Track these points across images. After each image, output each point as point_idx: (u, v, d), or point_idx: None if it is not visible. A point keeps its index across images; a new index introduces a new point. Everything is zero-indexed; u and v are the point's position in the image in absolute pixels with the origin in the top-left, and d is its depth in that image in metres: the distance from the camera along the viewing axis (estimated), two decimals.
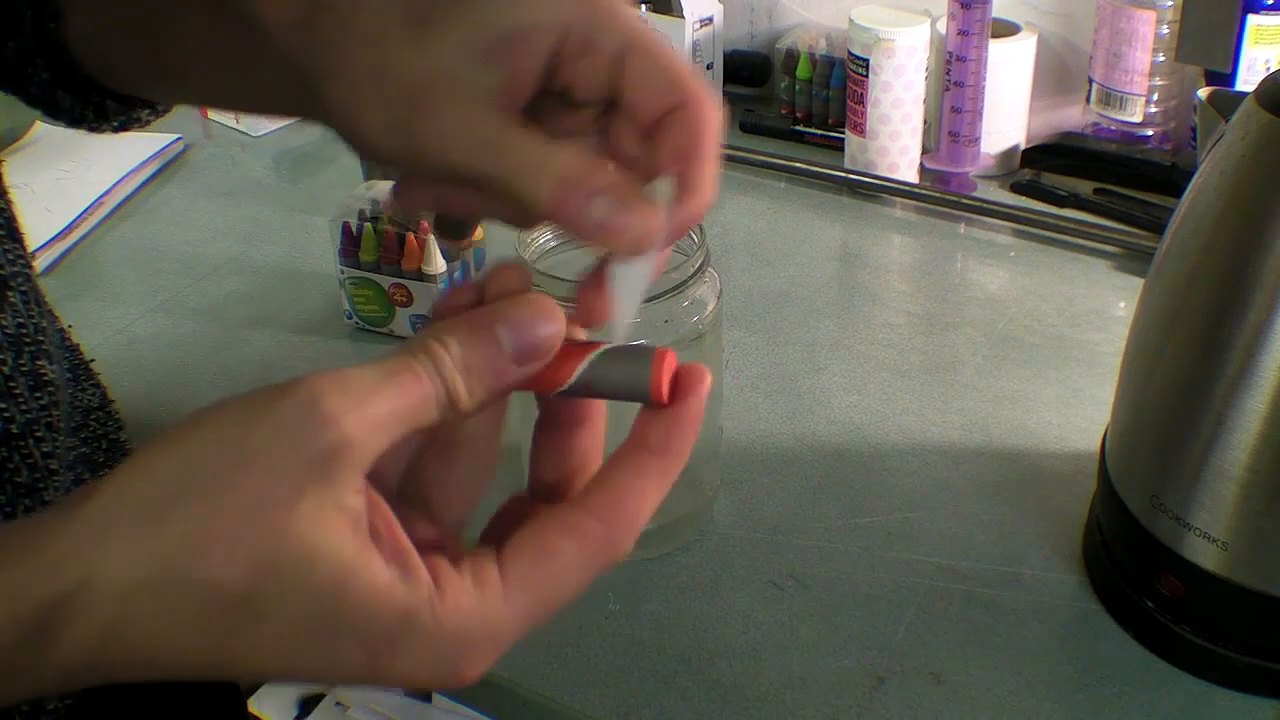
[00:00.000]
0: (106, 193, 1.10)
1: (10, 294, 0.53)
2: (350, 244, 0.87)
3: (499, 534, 0.35)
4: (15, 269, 0.53)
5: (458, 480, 0.36)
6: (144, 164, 1.15)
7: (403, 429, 0.32)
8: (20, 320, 0.53)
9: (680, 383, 0.34)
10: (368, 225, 0.87)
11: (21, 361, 0.52)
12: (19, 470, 0.52)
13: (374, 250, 0.87)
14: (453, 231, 0.42)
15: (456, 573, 0.33)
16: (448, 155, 0.36)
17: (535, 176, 0.35)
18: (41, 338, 0.54)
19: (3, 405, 0.51)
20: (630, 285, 0.36)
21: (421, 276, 0.86)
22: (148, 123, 0.58)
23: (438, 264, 0.85)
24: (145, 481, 0.32)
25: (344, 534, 0.31)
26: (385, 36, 0.35)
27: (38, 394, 0.53)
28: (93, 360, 0.64)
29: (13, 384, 0.52)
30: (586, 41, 0.36)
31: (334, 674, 0.33)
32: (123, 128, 0.58)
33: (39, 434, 0.53)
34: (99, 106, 0.56)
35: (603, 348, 0.35)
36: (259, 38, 0.38)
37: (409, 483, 0.37)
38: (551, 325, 0.34)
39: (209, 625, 0.31)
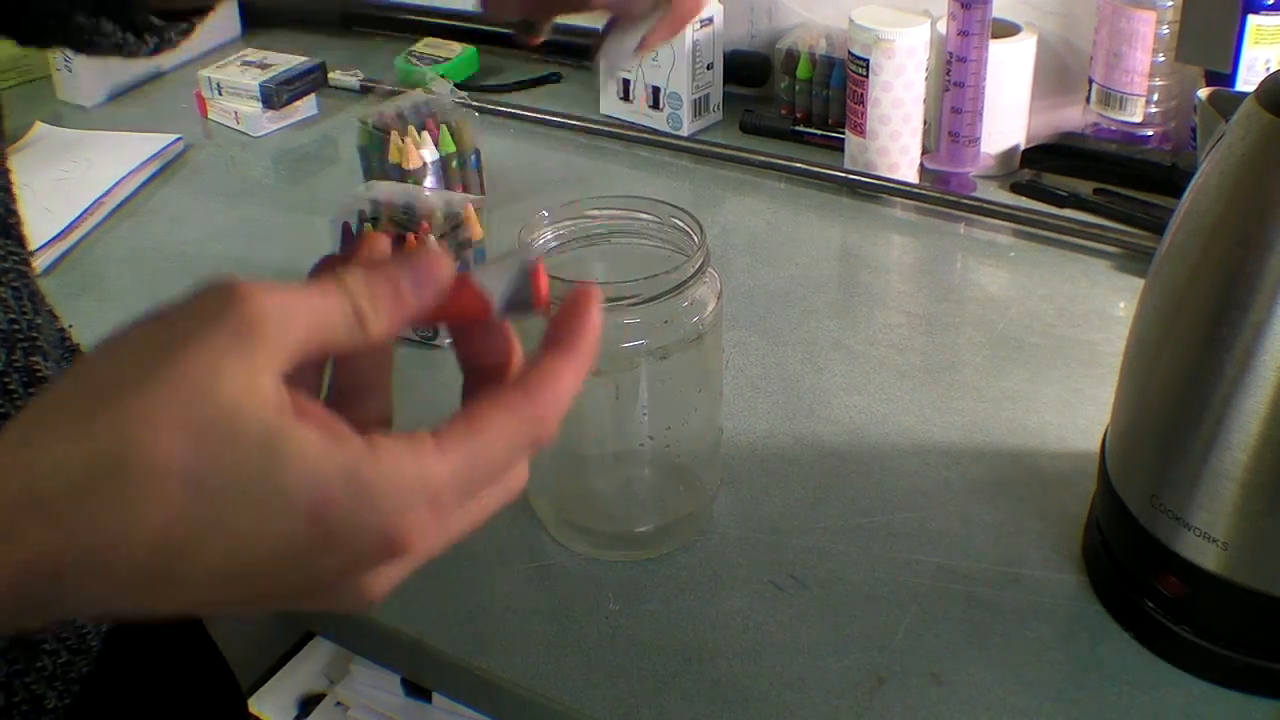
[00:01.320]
0: (107, 193, 1.10)
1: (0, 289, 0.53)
2: (350, 244, 0.87)
3: None
4: (6, 265, 0.54)
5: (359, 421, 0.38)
6: (144, 164, 1.15)
7: (317, 337, 0.34)
8: (12, 317, 0.53)
9: (576, 304, 0.39)
10: (367, 225, 0.87)
11: (14, 358, 0.52)
12: None
13: None
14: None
15: (388, 438, 0.34)
16: None
17: None
18: (35, 334, 0.54)
19: None
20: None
21: None
22: (177, 43, 0.63)
23: None
24: (73, 387, 0.33)
25: (267, 403, 0.32)
26: None
27: (31, 390, 0.53)
28: None
29: (6, 380, 0.52)
30: None
31: (281, 561, 0.33)
32: (156, 50, 0.62)
33: None
34: (138, 28, 0.60)
35: (490, 267, 0.38)
36: None
37: None
38: (441, 262, 0.37)
39: (153, 510, 0.31)
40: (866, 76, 1.03)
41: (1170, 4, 0.97)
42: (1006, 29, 1.05)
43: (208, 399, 0.31)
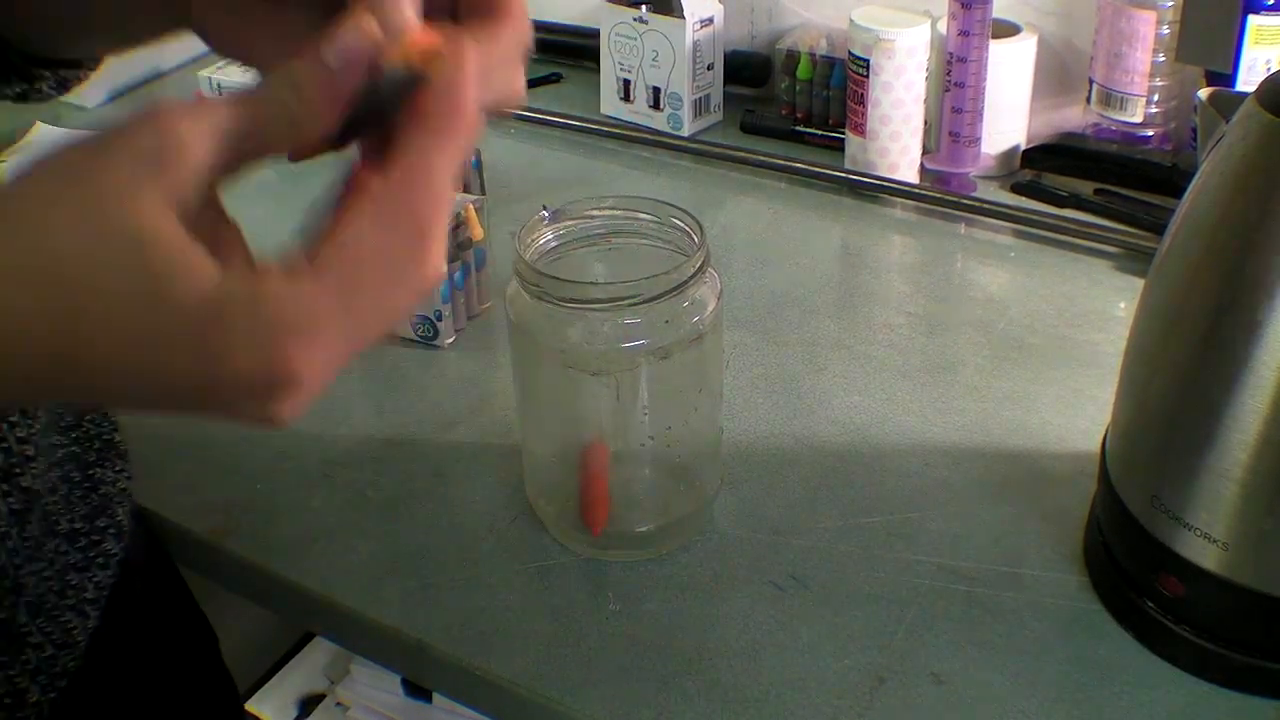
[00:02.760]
0: None
1: None
2: None
3: None
4: None
5: None
6: None
7: (241, 146, 0.36)
8: None
9: (442, 73, 0.36)
10: None
11: None
12: None
13: None
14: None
15: (267, 265, 0.35)
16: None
17: None
18: None
19: None
20: None
21: None
22: (50, 96, 0.59)
23: None
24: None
25: (173, 222, 0.33)
26: None
27: None
28: None
29: None
30: None
31: (169, 370, 0.34)
32: (23, 98, 0.59)
33: (13, 419, 0.53)
34: (4, 71, 0.57)
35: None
36: None
37: None
38: (361, 27, 0.36)
39: (54, 295, 0.33)
40: (867, 76, 1.03)
41: (1170, 4, 0.97)
42: (1006, 29, 1.05)
43: (123, 214, 0.33)
